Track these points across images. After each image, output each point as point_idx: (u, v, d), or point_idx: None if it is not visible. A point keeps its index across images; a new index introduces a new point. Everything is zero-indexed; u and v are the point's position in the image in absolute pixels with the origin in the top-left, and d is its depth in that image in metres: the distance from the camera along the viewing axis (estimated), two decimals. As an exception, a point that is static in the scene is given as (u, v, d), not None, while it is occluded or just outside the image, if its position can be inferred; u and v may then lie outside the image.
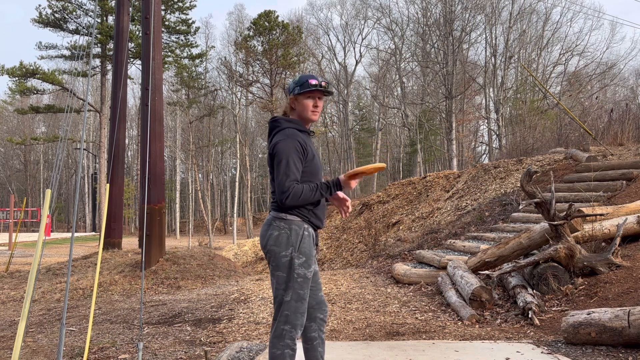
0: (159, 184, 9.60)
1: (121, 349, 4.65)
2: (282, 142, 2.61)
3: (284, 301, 2.59)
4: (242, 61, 31.77)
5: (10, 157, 56.14)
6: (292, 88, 2.73)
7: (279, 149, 2.60)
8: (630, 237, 6.30)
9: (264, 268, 17.69)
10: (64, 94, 38.48)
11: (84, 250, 19.44)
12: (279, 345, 2.57)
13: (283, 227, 2.61)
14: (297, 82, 2.73)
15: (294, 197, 2.55)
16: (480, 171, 13.54)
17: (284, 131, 2.66)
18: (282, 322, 2.58)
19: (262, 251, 2.75)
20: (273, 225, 2.64)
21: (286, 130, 2.66)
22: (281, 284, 2.60)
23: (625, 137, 12.77)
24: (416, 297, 6.46)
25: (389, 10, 39.60)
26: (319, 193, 2.61)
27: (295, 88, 2.71)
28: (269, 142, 2.74)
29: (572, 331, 4.05)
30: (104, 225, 4.63)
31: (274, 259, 2.62)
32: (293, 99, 2.74)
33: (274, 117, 2.78)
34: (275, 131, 2.71)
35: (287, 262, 2.59)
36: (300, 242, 2.61)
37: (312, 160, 2.68)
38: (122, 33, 13.52)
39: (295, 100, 2.73)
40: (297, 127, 2.70)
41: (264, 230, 2.69)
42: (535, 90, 32.24)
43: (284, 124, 2.70)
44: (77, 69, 31.22)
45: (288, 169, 2.56)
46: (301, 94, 2.70)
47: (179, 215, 48.56)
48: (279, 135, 2.66)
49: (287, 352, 2.57)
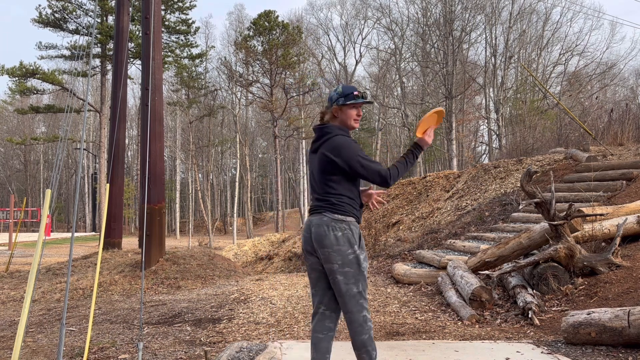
0: (159, 184, 9.60)
1: (121, 349, 4.65)
2: (346, 145, 2.85)
3: (357, 292, 2.86)
4: (242, 61, 31.77)
5: (10, 157, 56.15)
6: (336, 98, 2.94)
7: (348, 151, 2.84)
8: (630, 237, 6.30)
9: (264, 268, 17.69)
10: (64, 94, 38.49)
11: (84, 250, 19.44)
12: (365, 330, 2.87)
13: (345, 228, 2.86)
14: (341, 93, 2.94)
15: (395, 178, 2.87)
16: (480, 171, 13.54)
17: (339, 137, 2.89)
18: (359, 310, 2.86)
19: (320, 251, 2.89)
20: (333, 226, 2.85)
21: (340, 136, 2.90)
22: (350, 278, 2.85)
23: (625, 137, 12.77)
24: (416, 297, 6.46)
25: (389, 10, 39.62)
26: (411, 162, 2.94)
27: (339, 99, 2.93)
28: (320, 147, 2.93)
29: (572, 331, 4.05)
30: (104, 225, 4.63)
31: (341, 258, 2.83)
32: (337, 108, 2.95)
33: (325, 124, 2.98)
34: (329, 137, 2.91)
35: (353, 259, 2.85)
36: (359, 239, 2.91)
37: None
38: (122, 33, 13.52)
39: (340, 110, 2.95)
40: (346, 134, 2.94)
41: (324, 231, 2.86)
42: (535, 90, 32.24)
43: (337, 131, 2.92)
44: (77, 69, 31.22)
45: (368, 161, 2.85)
46: (346, 104, 2.92)
47: (179, 215, 48.57)
48: (337, 139, 2.88)
49: (371, 333, 2.90)
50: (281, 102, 31.20)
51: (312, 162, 3.01)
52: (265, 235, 22.61)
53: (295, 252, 15.86)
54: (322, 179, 2.91)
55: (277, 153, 31.96)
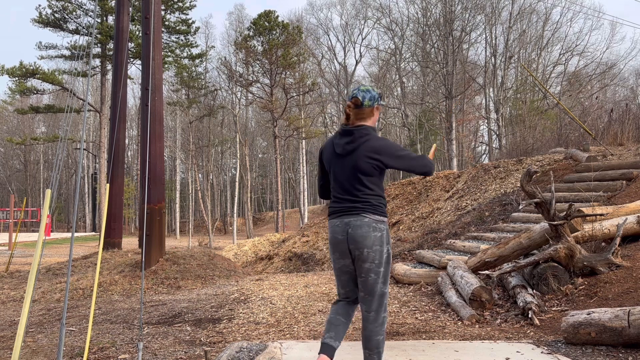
0: (159, 184, 9.60)
1: (121, 349, 4.65)
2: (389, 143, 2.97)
3: (384, 292, 2.95)
4: (242, 61, 31.78)
5: (10, 157, 56.14)
6: (377, 98, 3.01)
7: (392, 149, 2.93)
8: (630, 237, 6.29)
9: (264, 268, 17.68)
10: (64, 94, 38.49)
11: (84, 250, 19.44)
12: (382, 331, 2.95)
13: (383, 229, 2.93)
14: (380, 95, 3.04)
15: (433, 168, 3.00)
16: (480, 171, 13.54)
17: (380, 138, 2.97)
18: (382, 310, 2.94)
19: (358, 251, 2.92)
20: (375, 227, 2.90)
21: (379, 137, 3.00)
22: (381, 277, 2.92)
23: (625, 137, 12.77)
24: (416, 297, 6.46)
25: (389, 10, 39.63)
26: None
27: (379, 99, 3.02)
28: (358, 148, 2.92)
29: (572, 331, 4.05)
30: (104, 225, 4.63)
31: (378, 257, 2.90)
32: (378, 107, 3.03)
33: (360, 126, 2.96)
34: (369, 137, 2.94)
35: (387, 257, 2.94)
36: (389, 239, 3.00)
37: None
38: (122, 33, 13.52)
39: (377, 109, 3.02)
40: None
41: (366, 232, 2.89)
42: (535, 90, 32.24)
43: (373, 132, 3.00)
44: (77, 69, 31.23)
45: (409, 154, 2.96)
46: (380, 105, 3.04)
47: (179, 215, 48.57)
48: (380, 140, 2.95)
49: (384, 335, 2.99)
50: (281, 102, 31.21)
51: (342, 163, 2.96)
52: (265, 235, 22.62)
53: (295, 252, 15.87)
54: (360, 179, 2.91)
55: (277, 153, 31.97)
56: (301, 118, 34.50)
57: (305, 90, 32.06)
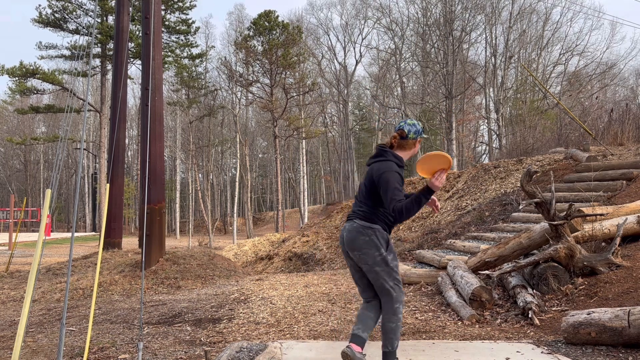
0: (159, 184, 9.60)
1: (121, 349, 4.65)
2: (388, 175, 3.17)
3: (389, 288, 3.26)
4: (242, 61, 31.77)
5: (10, 157, 56.14)
6: (421, 132, 3.35)
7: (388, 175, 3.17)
8: (630, 237, 6.29)
9: (264, 268, 17.68)
10: (64, 94, 38.48)
11: (84, 250, 19.44)
12: (394, 319, 3.26)
13: (371, 234, 3.22)
14: (423, 128, 3.37)
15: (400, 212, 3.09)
16: (480, 171, 13.54)
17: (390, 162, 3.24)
18: (393, 302, 3.26)
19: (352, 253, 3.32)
20: (362, 232, 3.24)
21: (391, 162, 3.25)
22: (382, 275, 3.25)
23: (625, 137, 12.77)
24: (416, 297, 6.46)
25: (389, 10, 39.63)
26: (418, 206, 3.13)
27: (422, 132, 3.35)
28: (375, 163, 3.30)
29: (572, 331, 4.05)
30: (104, 225, 4.63)
31: (371, 259, 3.24)
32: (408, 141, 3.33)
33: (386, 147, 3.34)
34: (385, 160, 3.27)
35: (381, 260, 3.23)
36: (387, 243, 3.28)
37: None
38: (122, 33, 13.52)
39: (418, 142, 3.38)
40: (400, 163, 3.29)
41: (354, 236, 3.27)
42: (535, 90, 32.24)
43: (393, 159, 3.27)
44: (77, 69, 31.22)
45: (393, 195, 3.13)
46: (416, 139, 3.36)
47: (179, 215, 48.56)
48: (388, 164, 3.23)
49: (400, 323, 3.29)
50: (281, 102, 31.21)
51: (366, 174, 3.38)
52: (265, 235, 22.61)
53: (295, 252, 15.86)
54: (366, 190, 3.29)
55: (277, 153, 31.96)
56: (301, 118, 34.51)
57: (305, 90, 32.06)
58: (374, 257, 3.23)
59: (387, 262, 3.24)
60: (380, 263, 3.23)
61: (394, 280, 3.27)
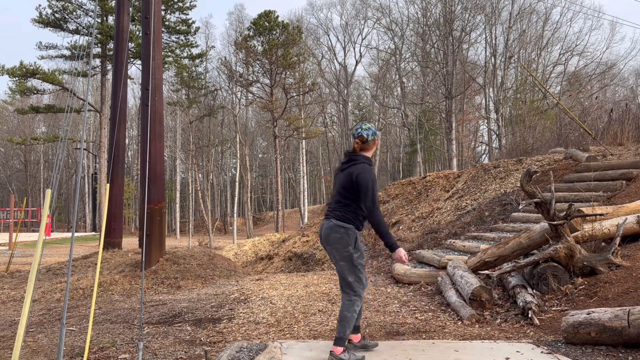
0: (159, 184, 9.60)
1: (121, 349, 4.66)
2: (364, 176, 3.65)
3: (349, 281, 3.71)
4: (242, 61, 31.77)
5: (10, 157, 56.12)
6: (376, 132, 3.83)
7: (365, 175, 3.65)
8: (630, 237, 6.29)
9: (264, 268, 17.68)
10: (64, 94, 38.48)
11: (84, 250, 19.44)
12: (351, 310, 3.68)
13: (342, 232, 3.68)
14: (372, 130, 3.79)
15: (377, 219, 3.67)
16: (480, 171, 13.54)
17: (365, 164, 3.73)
18: (351, 293, 3.70)
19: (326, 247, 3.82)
20: (335, 229, 3.70)
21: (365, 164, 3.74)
22: (345, 269, 3.70)
23: (625, 137, 12.76)
24: (416, 297, 6.46)
25: (389, 10, 39.65)
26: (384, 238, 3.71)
27: (375, 132, 3.82)
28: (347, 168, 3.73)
29: (572, 331, 4.05)
30: (104, 225, 4.64)
31: (338, 254, 3.70)
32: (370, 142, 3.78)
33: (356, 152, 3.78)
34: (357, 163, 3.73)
35: (347, 256, 3.69)
36: (355, 241, 3.72)
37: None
38: (122, 33, 13.52)
39: (372, 142, 3.80)
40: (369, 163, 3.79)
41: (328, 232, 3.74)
42: (535, 90, 32.23)
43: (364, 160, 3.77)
44: (77, 69, 31.21)
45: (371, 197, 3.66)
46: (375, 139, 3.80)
47: (179, 215, 48.56)
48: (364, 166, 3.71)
49: (353, 315, 3.67)
50: (281, 102, 31.22)
51: (337, 178, 3.80)
52: (265, 235, 22.62)
53: (295, 252, 15.87)
54: (341, 192, 3.72)
55: (277, 153, 31.96)
56: (301, 118, 34.50)
57: (305, 90, 32.06)
58: (342, 252, 3.68)
59: (352, 259, 3.68)
60: (346, 259, 3.68)
61: (355, 277, 3.69)
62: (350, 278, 3.70)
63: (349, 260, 3.68)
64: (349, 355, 3.65)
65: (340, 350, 3.62)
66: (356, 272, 3.70)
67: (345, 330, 3.65)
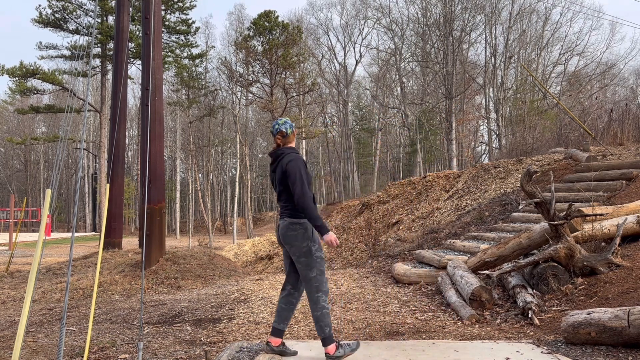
0: (159, 184, 9.60)
1: (121, 349, 4.66)
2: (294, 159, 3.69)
3: (312, 277, 3.66)
4: (242, 61, 31.75)
5: (10, 157, 56.11)
6: (292, 125, 3.90)
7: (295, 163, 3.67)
8: (630, 237, 6.30)
9: (264, 268, 17.69)
10: (64, 94, 38.47)
11: (84, 250, 19.44)
12: (318, 308, 3.65)
13: (298, 229, 3.67)
14: (289, 124, 3.86)
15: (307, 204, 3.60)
16: (480, 171, 13.54)
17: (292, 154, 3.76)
18: (314, 291, 3.66)
19: (285, 247, 3.78)
20: (290, 227, 3.69)
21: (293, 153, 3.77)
22: (306, 266, 3.67)
23: (625, 137, 12.76)
24: (416, 297, 6.46)
25: (389, 10, 39.65)
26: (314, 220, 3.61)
27: (291, 126, 3.87)
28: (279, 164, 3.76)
29: (572, 331, 4.05)
30: (104, 225, 4.64)
31: (298, 251, 3.67)
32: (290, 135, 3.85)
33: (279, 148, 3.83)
34: (284, 154, 3.78)
35: (306, 251, 3.66)
36: (312, 235, 3.70)
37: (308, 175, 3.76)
38: (122, 33, 13.52)
39: (293, 135, 3.88)
40: (297, 152, 3.84)
41: (285, 232, 3.72)
42: (535, 90, 32.23)
43: (290, 151, 3.79)
44: (77, 69, 31.20)
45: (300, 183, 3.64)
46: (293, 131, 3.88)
47: (179, 215, 48.55)
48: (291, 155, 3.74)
49: (325, 311, 3.65)
50: (281, 102, 31.19)
51: (274, 178, 3.83)
52: (265, 235, 22.62)
53: (295, 252, 15.85)
54: (282, 188, 3.72)
55: (277, 153, 31.85)
56: (301, 118, 34.49)
57: (305, 90, 32.04)
58: (301, 248, 3.66)
59: (312, 253, 3.66)
60: (305, 254, 3.66)
61: (317, 270, 3.66)
62: (312, 273, 3.65)
63: (308, 254, 3.65)
64: (343, 350, 3.63)
65: (333, 349, 3.62)
66: (317, 266, 3.66)
67: (324, 329, 3.62)
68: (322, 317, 3.64)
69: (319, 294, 3.65)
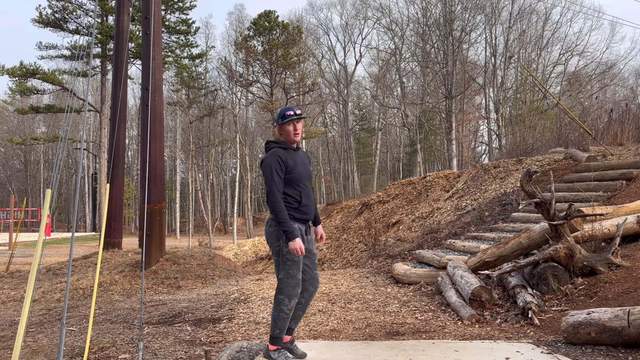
0: (159, 184, 9.60)
1: (121, 349, 4.66)
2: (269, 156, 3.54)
3: (279, 278, 3.54)
4: (242, 61, 31.76)
5: (10, 157, 56.10)
6: (276, 119, 3.66)
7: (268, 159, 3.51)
8: (630, 237, 6.29)
9: (264, 268, 17.69)
10: (64, 94, 38.46)
11: (84, 250, 19.44)
12: (277, 309, 3.54)
13: (274, 225, 3.51)
14: (279, 115, 3.64)
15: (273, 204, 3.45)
16: (480, 171, 13.54)
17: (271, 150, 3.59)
18: (278, 292, 3.54)
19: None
20: (271, 223, 3.57)
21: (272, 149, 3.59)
22: (276, 265, 3.56)
23: (625, 137, 12.76)
24: (416, 297, 6.46)
25: (389, 10, 39.65)
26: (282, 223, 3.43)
27: (278, 119, 3.64)
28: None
29: (572, 331, 4.05)
30: (104, 225, 4.64)
31: (272, 249, 3.57)
32: (279, 127, 3.64)
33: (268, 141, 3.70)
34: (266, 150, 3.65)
35: (277, 250, 3.53)
36: None
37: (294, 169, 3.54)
38: (122, 33, 13.52)
39: (281, 128, 3.63)
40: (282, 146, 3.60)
41: (266, 228, 3.63)
42: (535, 90, 32.24)
43: (272, 145, 3.63)
44: (77, 69, 31.20)
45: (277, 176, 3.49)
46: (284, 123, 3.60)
47: (179, 215, 48.55)
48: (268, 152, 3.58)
49: (282, 315, 3.52)
50: (281, 102, 31.19)
51: None
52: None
53: (295, 252, 15.83)
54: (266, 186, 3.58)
55: (277, 153, 31.85)
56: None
57: (305, 90, 32.04)
58: (274, 247, 3.55)
59: (282, 254, 3.50)
60: (276, 253, 3.54)
61: (285, 273, 3.50)
62: (280, 274, 3.52)
63: (278, 254, 3.51)
64: (278, 355, 3.54)
65: (273, 347, 3.57)
66: (286, 268, 3.49)
67: (274, 330, 3.54)
68: (277, 318, 3.53)
69: (282, 296, 3.51)
